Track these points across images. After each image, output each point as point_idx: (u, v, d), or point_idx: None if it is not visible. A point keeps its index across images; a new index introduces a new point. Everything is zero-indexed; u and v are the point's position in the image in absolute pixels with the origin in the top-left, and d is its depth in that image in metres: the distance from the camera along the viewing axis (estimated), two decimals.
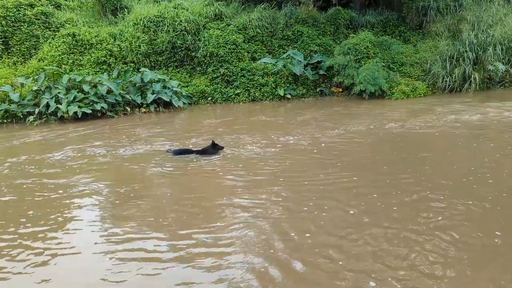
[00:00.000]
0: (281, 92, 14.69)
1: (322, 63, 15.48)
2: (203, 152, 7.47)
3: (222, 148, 7.57)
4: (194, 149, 7.76)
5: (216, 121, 11.44)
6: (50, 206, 5.39)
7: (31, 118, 11.89)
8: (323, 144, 8.05)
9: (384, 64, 14.45)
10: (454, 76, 13.91)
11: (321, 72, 15.42)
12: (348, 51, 14.70)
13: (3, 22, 14.65)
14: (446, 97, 13.35)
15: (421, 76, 14.67)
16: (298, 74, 15.00)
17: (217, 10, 16.41)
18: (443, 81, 14.07)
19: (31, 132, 10.80)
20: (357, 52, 14.61)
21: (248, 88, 14.91)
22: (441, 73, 14.10)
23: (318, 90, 15.36)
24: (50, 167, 7.23)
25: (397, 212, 4.69)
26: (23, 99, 12.33)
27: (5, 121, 12.25)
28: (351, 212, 4.76)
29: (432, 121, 9.62)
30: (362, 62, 14.34)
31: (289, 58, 15.43)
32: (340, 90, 15.05)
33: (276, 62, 15.24)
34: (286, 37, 16.36)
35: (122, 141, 9.21)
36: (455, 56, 14.14)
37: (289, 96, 14.79)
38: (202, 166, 6.93)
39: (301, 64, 15.16)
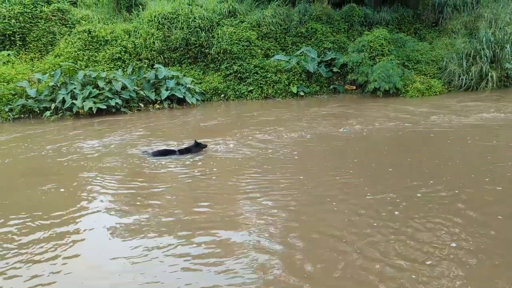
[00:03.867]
0: (294, 89, 14.65)
1: (336, 61, 15.39)
2: (187, 151, 7.43)
3: (205, 146, 7.58)
4: (174, 149, 7.66)
5: (253, 121, 11.38)
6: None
7: (47, 113, 12.07)
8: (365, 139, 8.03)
9: (399, 62, 14.30)
10: (470, 74, 13.71)
11: (335, 69, 15.33)
12: (363, 48, 14.58)
13: (21, 18, 14.88)
14: (464, 95, 13.17)
15: (436, 74, 14.49)
16: (312, 72, 14.94)
17: (231, 7, 16.43)
18: (459, 79, 13.89)
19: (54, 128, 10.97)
20: (371, 50, 14.49)
21: (261, 85, 14.91)
22: (457, 71, 13.91)
23: (331, 87, 15.28)
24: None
25: None
26: (39, 95, 12.51)
27: (22, 116, 12.46)
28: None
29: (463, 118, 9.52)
30: (377, 60, 14.21)
31: (302, 55, 15.37)
32: (354, 87, 14.95)
33: (289, 59, 15.20)
34: (299, 34, 16.30)
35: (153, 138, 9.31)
36: (471, 54, 13.94)
37: (302, 93, 14.74)
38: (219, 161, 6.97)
39: (315, 61, 15.09)
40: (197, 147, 7.48)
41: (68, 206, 5.25)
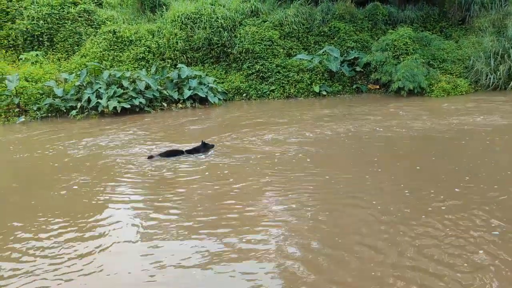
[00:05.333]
0: (317, 89, 14.56)
1: (359, 60, 15.23)
2: (195, 151, 7.43)
3: (212, 146, 7.59)
4: (183, 149, 7.66)
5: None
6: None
7: (73, 112, 12.34)
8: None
9: (424, 61, 14.04)
10: (498, 73, 13.36)
11: (358, 68, 15.17)
12: (386, 47, 14.39)
13: (48, 19, 15.26)
14: (492, 94, 12.84)
15: (463, 73, 14.16)
16: (334, 71, 14.82)
17: (253, 7, 16.45)
18: (486, 78, 13.55)
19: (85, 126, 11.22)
20: (395, 49, 14.28)
21: (283, 85, 14.89)
22: (485, 70, 13.57)
23: (354, 87, 15.14)
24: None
25: None
26: (66, 94, 12.80)
27: (49, 115, 12.78)
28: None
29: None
30: (401, 59, 14.00)
31: (325, 54, 15.27)
32: (377, 87, 14.76)
33: (311, 59, 15.12)
34: (322, 33, 16.19)
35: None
36: (499, 52, 13.58)
37: (324, 92, 14.64)
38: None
39: (338, 60, 14.96)
40: (205, 148, 7.48)
41: (89, 206, 5.36)
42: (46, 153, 8.29)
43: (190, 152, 7.46)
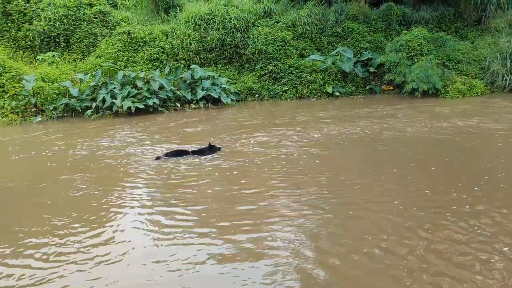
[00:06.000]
0: (330, 90, 14.52)
1: (373, 60, 15.14)
2: (200, 152, 7.44)
3: (219, 149, 7.56)
4: (189, 150, 7.68)
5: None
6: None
7: (88, 112, 12.52)
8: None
9: (438, 62, 13.89)
10: None
11: (371, 69, 15.09)
12: (401, 48, 14.27)
13: (65, 21, 15.48)
14: (508, 96, 12.64)
15: (478, 74, 13.97)
16: (348, 72, 14.75)
17: (266, 7, 16.47)
18: (503, 80, 13.35)
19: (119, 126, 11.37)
20: (410, 49, 14.16)
21: (296, 85, 14.88)
22: (501, 71, 13.38)
23: (367, 87, 15.05)
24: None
25: None
26: (81, 94, 12.99)
27: (65, 114, 12.99)
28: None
29: None
30: (415, 60, 13.87)
31: (338, 55, 15.20)
32: (391, 88, 14.65)
33: (324, 59, 15.07)
34: (335, 34, 16.13)
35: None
36: None
37: (337, 93, 14.59)
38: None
39: (351, 61, 14.89)
40: (211, 150, 7.45)
41: (103, 205, 5.44)
42: (58, 152, 8.43)
43: (196, 153, 7.46)
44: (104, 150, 8.37)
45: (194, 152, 7.49)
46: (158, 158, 7.41)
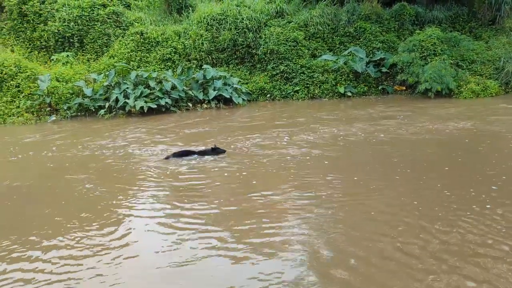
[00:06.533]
0: (341, 90, 14.47)
1: (385, 61, 15.04)
2: (204, 153, 7.44)
3: (223, 151, 7.48)
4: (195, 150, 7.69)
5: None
6: None
7: (102, 111, 12.65)
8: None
9: (452, 62, 13.76)
10: None
11: (384, 69, 15.00)
12: (414, 48, 14.16)
13: (79, 21, 15.66)
14: None
15: (493, 75, 13.81)
16: (360, 72, 14.69)
17: (278, 8, 16.48)
18: None
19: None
20: (423, 49, 14.03)
21: (308, 85, 14.86)
22: None
23: (380, 88, 14.97)
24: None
25: None
26: (95, 94, 13.14)
27: (78, 114, 13.15)
28: None
29: None
30: (428, 60, 13.75)
31: (350, 55, 15.14)
32: (404, 88, 14.55)
33: (336, 59, 15.02)
34: (348, 34, 16.06)
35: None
36: None
37: (349, 93, 14.53)
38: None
39: (363, 61, 14.82)
40: (213, 152, 7.40)
41: (117, 201, 5.50)
42: (67, 152, 8.54)
43: (201, 153, 7.47)
44: (116, 149, 8.46)
45: (199, 153, 7.49)
46: (167, 158, 7.47)
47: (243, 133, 9.41)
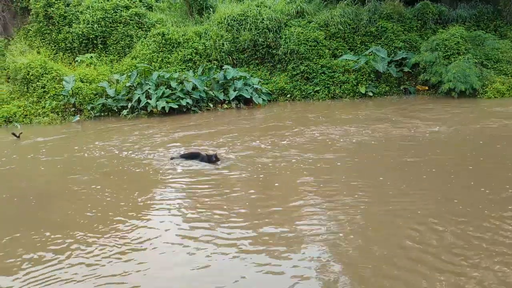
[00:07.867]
0: (363, 90, 14.35)
1: (407, 60, 14.84)
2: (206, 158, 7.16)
3: (217, 160, 7.07)
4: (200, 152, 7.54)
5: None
6: None
7: (124, 112, 12.88)
8: None
9: (476, 61, 13.48)
10: None
11: (406, 69, 14.80)
12: (437, 47, 13.92)
13: (102, 23, 15.96)
14: None
15: None
16: (381, 71, 14.53)
17: (299, 8, 16.43)
18: None
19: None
20: (446, 48, 13.78)
21: (328, 85, 14.78)
22: None
23: (401, 88, 14.78)
24: None
25: None
26: (118, 94, 13.38)
27: (102, 114, 13.41)
28: None
29: None
30: (452, 59, 13.50)
31: (371, 54, 14.99)
32: (426, 88, 14.33)
33: (357, 59, 14.89)
34: (369, 33, 15.90)
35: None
36: None
37: (370, 94, 14.40)
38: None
39: (385, 61, 14.65)
40: (209, 161, 7.04)
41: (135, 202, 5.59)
42: (90, 151, 8.72)
43: (203, 159, 7.19)
44: (136, 152, 8.57)
45: (202, 159, 7.21)
46: (172, 158, 7.46)
47: (262, 134, 9.44)
